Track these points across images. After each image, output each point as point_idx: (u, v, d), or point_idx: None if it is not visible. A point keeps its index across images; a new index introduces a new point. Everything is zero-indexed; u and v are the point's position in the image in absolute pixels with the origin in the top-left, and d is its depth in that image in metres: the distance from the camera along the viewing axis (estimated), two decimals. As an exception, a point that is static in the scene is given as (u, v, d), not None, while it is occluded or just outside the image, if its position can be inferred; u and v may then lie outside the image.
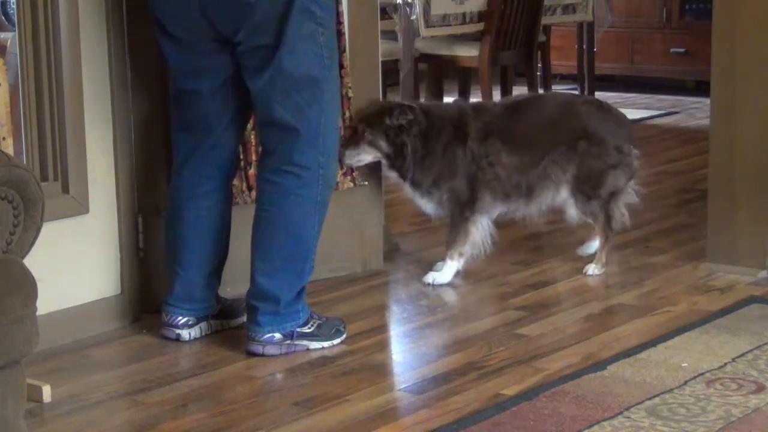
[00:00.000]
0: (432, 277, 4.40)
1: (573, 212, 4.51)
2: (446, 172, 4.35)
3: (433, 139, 4.34)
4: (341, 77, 4.27)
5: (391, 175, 4.45)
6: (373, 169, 4.51)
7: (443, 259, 4.43)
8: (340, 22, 4.26)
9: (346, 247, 4.47)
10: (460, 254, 4.41)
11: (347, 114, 4.33)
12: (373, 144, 4.30)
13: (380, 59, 4.66)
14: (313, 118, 3.56)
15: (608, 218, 4.48)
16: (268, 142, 3.64)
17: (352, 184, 4.41)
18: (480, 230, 4.42)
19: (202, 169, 3.74)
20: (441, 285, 4.37)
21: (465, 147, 4.35)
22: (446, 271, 4.40)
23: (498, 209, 4.49)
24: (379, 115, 4.31)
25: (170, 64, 3.71)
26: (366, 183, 4.47)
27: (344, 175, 4.37)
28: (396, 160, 4.32)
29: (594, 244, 4.62)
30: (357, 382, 3.43)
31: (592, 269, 4.47)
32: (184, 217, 3.77)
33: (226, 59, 3.59)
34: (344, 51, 4.29)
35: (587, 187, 4.43)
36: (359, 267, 4.52)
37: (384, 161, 4.37)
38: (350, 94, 4.34)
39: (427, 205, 4.46)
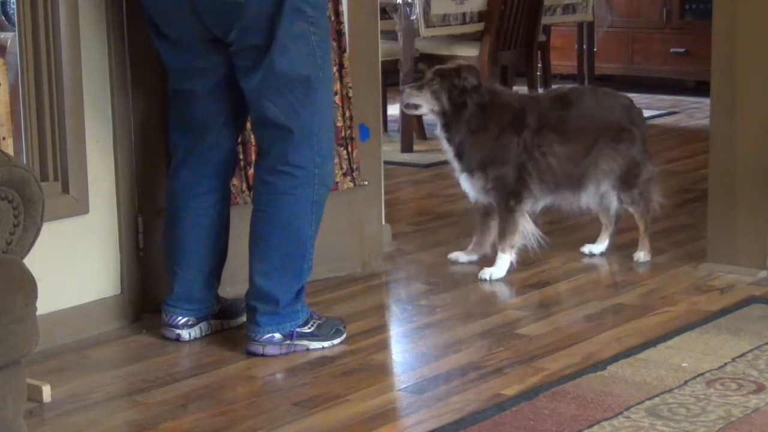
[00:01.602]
0: (488, 272, 4.42)
1: (615, 204, 4.63)
2: (497, 157, 4.40)
3: (493, 119, 4.40)
4: (341, 77, 4.28)
5: (441, 137, 4.46)
6: (373, 168, 4.52)
7: (498, 254, 4.45)
8: (340, 22, 4.27)
9: (346, 247, 4.47)
10: (512, 246, 4.44)
11: (348, 114, 4.33)
12: (435, 94, 4.38)
13: (380, 59, 4.66)
14: (307, 117, 3.56)
15: (647, 203, 4.63)
16: (263, 142, 3.64)
17: (351, 184, 4.41)
18: (528, 220, 4.48)
19: (200, 169, 3.74)
20: (497, 279, 4.39)
21: (519, 137, 4.41)
22: (501, 265, 4.43)
23: (546, 200, 4.57)
24: (451, 73, 4.41)
25: (166, 65, 3.71)
26: (366, 183, 4.47)
27: (344, 175, 4.37)
28: (451, 119, 4.38)
29: (601, 245, 4.70)
30: (357, 382, 3.43)
31: (643, 256, 4.61)
32: (182, 217, 3.77)
33: (220, 59, 3.59)
34: (345, 51, 4.30)
35: (630, 177, 4.57)
36: (359, 267, 4.51)
37: (438, 119, 4.42)
38: (350, 94, 4.33)
39: (465, 183, 4.49)
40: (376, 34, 4.57)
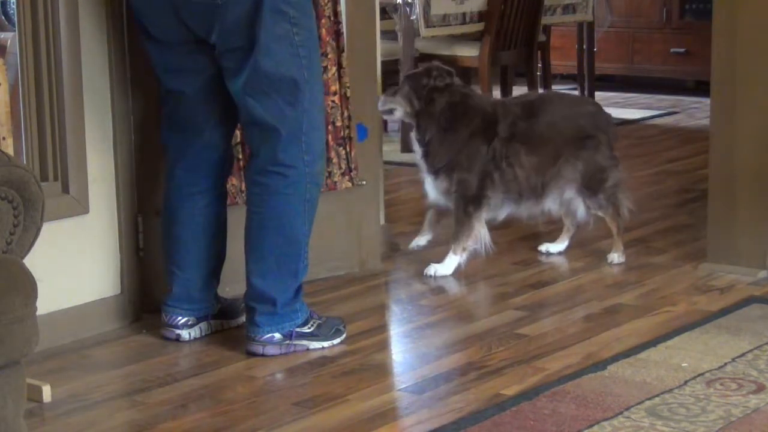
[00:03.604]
0: (434, 269, 4.46)
1: (582, 211, 4.62)
2: (464, 161, 4.43)
3: (463, 121, 4.43)
4: (340, 77, 4.28)
5: (413, 138, 4.52)
6: (373, 168, 4.52)
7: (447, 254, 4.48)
8: (338, 22, 4.27)
9: (344, 246, 4.47)
10: (464, 249, 4.47)
11: (346, 114, 4.33)
12: (407, 97, 4.45)
13: (379, 59, 4.66)
14: (295, 118, 3.55)
15: (616, 208, 4.61)
16: (252, 142, 3.65)
17: (350, 184, 4.41)
18: (483, 227, 4.50)
19: (195, 169, 3.74)
20: (442, 276, 4.43)
21: (489, 145, 4.43)
22: (448, 264, 4.46)
23: (507, 210, 4.58)
24: (420, 74, 4.50)
25: (154, 66, 3.71)
26: (364, 182, 4.47)
27: (342, 174, 4.37)
28: (422, 117, 4.43)
29: (560, 245, 4.75)
30: (357, 382, 3.43)
31: (617, 258, 4.60)
32: (179, 217, 3.77)
33: (206, 60, 3.59)
34: (343, 50, 4.30)
35: (594, 183, 4.55)
36: (357, 267, 4.51)
37: (413, 121, 4.48)
38: (348, 94, 4.34)
39: (429, 185, 4.53)
40: (374, 34, 4.57)
